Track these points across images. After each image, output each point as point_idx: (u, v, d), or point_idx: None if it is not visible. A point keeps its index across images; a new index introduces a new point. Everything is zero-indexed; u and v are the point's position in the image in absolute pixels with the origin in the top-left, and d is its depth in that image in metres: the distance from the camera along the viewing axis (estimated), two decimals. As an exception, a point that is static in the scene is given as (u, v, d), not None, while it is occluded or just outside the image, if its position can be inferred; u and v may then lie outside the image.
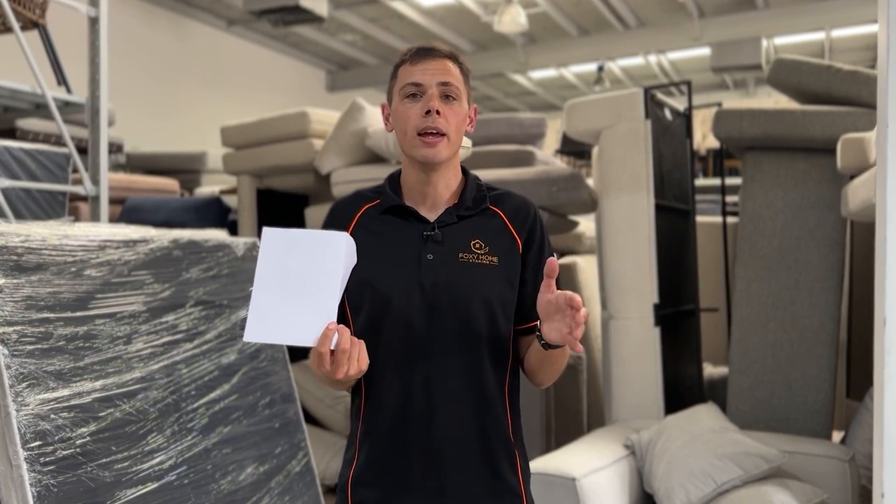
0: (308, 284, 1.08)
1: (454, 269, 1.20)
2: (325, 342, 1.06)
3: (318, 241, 1.10)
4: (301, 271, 1.08)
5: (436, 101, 1.19)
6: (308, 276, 1.08)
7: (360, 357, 1.08)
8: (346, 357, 1.06)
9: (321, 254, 1.09)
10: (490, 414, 1.22)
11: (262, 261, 1.10)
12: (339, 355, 1.06)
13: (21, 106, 2.94)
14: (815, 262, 2.66)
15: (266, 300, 1.08)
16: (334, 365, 1.07)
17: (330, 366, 1.07)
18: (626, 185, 2.81)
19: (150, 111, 7.06)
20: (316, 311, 1.07)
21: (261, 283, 1.09)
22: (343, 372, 1.06)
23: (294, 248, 1.09)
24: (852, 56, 9.32)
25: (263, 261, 1.10)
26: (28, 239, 1.79)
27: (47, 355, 1.71)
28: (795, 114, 2.65)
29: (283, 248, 1.09)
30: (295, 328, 1.07)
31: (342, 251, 1.09)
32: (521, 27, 7.27)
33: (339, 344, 1.06)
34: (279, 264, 1.09)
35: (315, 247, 1.09)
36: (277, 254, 1.09)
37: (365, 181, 3.00)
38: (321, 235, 1.11)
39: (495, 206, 1.28)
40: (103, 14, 2.77)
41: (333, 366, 1.07)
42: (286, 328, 1.07)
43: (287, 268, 1.08)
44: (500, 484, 1.22)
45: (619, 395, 2.82)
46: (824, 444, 2.51)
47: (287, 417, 2.29)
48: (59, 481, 1.62)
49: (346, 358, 1.06)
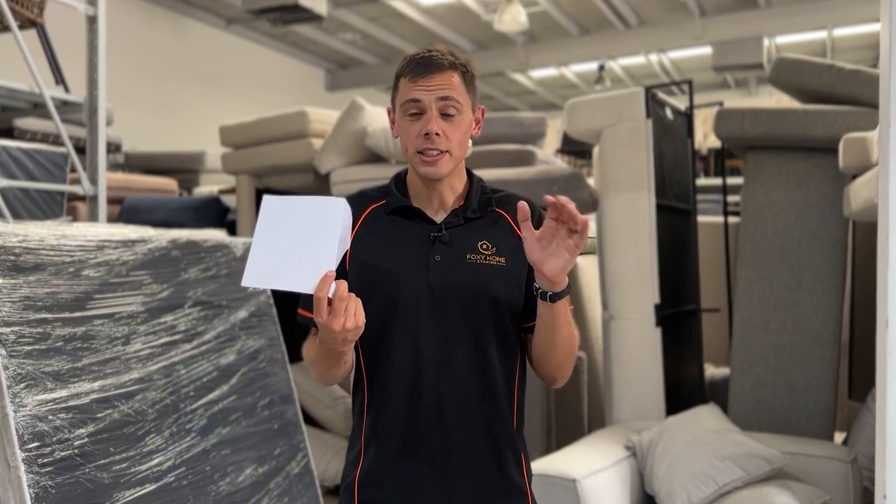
0: (306, 239, 1.09)
1: (462, 269, 1.21)
2: (324, 286, 1.05)
3: (316, 204, 1.12)
4: (300, 229, 1.10)
5: (434, 123, 1.18)
6: (306, 232, 1.10)
7: (357, 312, 1.07)
8: (343, 306, 1.05)
9: (320, 215, 1.10)
10: (497, 413, 1.22)
11: (261, 222, 1.11)
12: (336, 303, 1.05)
13: (19, 105, 2.93)
14: (817, 262, 2.65)
15: (265, 250, 1.09)
16: (332, 315, 1.05)
17: (327, 315, 1.05)
18: (627, 184, 2.80)
19: (148, 110, 7.05)
20: (314, 262, 1.08)
21: (260, 238, 1.10)
22: (340, 323, 1.05)
23: (292, 211, 1.11)
24: (854, 55, 9.31)
25: (263, 221, 1.11)
26: (26, 239, 1.78)
27: (45, 356, 1.71)
28: (797, 113, 2.64)
29: (282, 211, 1.11)
30: (293, 275, 1.08)
31: (340, 213, 1.11)
32: (521, 26, 7.26)
33: (336, 292, 1.06)
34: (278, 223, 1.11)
35: (313, 209, 1.11)
36: (276, 216, 1.11)
37: (364, 181, 2.99)
38: (320, 200, 1.12)
39: (500, 208, 1.29)
40: (101, 13, 2.76)
41: (331, 316, 1.05)
42: (284, 275, 1.08)
43: (286, 226, 1.10)
44: (507, 483, 1.23)
45: (620, 396, 2.81)
46: (826, 445, 2.51)
47: (286, 418, 2.28)
48: (58, 483, 1.61)
49: (343, 307, 1.05)
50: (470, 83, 1.24)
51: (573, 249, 1.08)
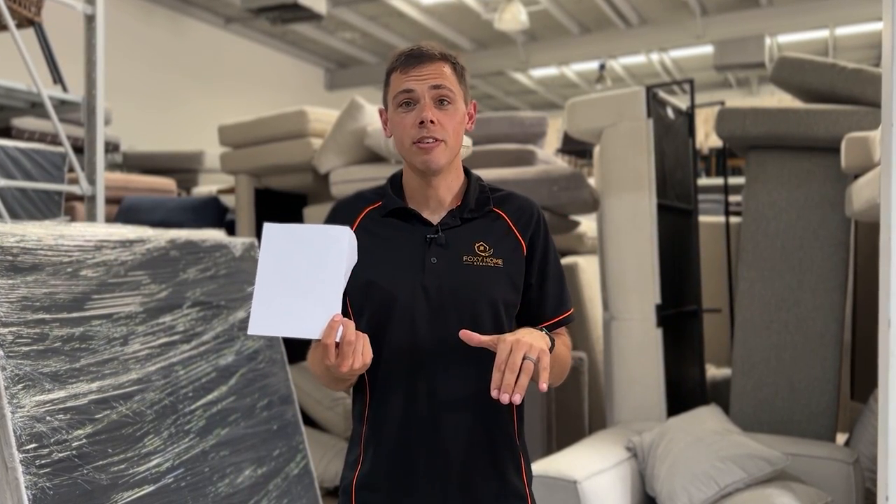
0: (311, 278, 1.07)
1: (458, 272, 1.20)
2: (331, 333, 1.05)
3: (319, 236, 1.10)
4: (303, 265, 1.08)
5: (429, 111, 1.18)
6: (311, 269, 1.07)
7: (364, 350, 1.07)
8: (351, 349, 1.05)
9: (323, 248, 1.08)
10: (495, 417, 1.22)
11: (263, 256, 1.09)
12: (344, 347, 1.05)
13: (16, 104, 2.93)
14: (818, 262, 2.65)
15: (269, 293, 1.07)
16: (340, 357, 1.06)
17: (335, 359, 1.06)
18: (628, 184, 2.79)
19: (146, 110, 7.04)
20: (320, 304, 1.06)
21: (263, 277, 1.08)
22: (348, 365, 1.05)
23: (296, 243, 1.09)
24: (856, 54, 9.30)
25: (265, 256, 1.09)
26: (24, 239, 1.78)
27: (43, 357, 1.70)
28: (799, 113, 2.64)
29: (285, 242, 1.09)
30: (299, 320, 1.06)
31: (344, 245, 1.09)
32: (521, 25, 7.24)
33: (344, 335, 1.05)
34: (281, 259, 1.08)
35: (317, 241, 1.09)
36: (279, 249, 1.09)
37: (364, 180, 2.98)
38: (323, 230, 1.11)
39: (498, 208, 1.27)
40: (100, 11, 2.75)
41: (339, 358, 1.06)
42: (290, 320, 1.06)
43: (289, 262, 1.08)
44: (505, 487, 1.23)
45: (621, 397, 2.80)
46: (828, 446, 2.50)
47: (285, 419, 2.27)
48: (55, 484, 1.60)
49: (351, 350, 1.05)
50: (461, 75, 1.24)
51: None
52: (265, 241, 1.10)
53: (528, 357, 1.04)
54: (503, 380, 1.03)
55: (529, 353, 1.05)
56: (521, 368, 1.04)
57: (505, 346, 1.05)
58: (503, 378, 1.03)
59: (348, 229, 1.12)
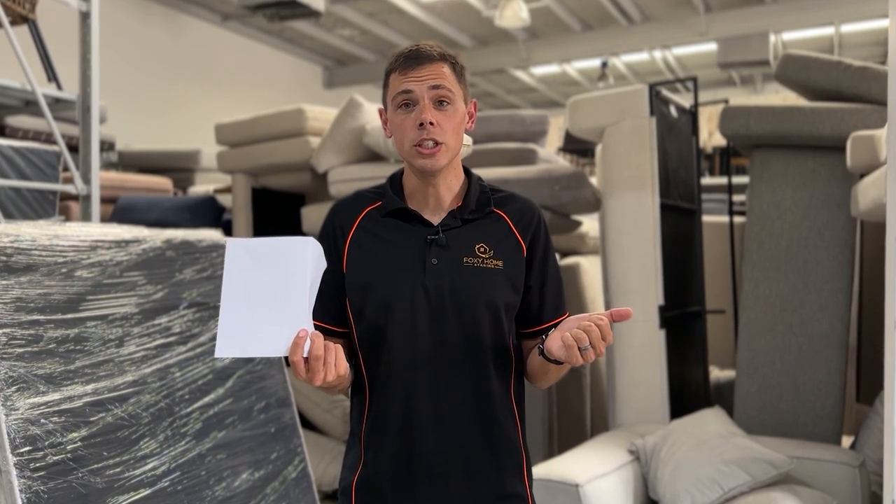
0: (276, 294, 1.06)
1: (459, 273, 1.20)
2: (297, 350, 1.04)
3: (283, 249, 1.07)
4: (268, 281, 1.06)
5: (428, 113, 1.17)
6: (275, 284, 1.06)
7: (337, 362, 1.06)
8: (320, 364, 1.04)
9: (287, 261, 1.06)
10: (496, 418, 1.21)
11: (227, 274, 1.07)
12: (312, 363, 1.04)
13: (10, 103, 2.91)
14: (824, 262, 2.63)
15: (234, 314, 1.06)
16: (310, 373, 1.05)
17: (305, 374, 1.05)
18: (631, 183, 2.78)
19: (142, 108, 7.02)
20: (286, 320, 1.05)
21: (228, 297, 1.06)
22: (320, 378, 1.05)
23: (259, 258, 1.07)
24: (862, 52, 9.27)
25: (229, 274, 1.07)
26: (17, 239, 1.78)
27: (37, 358, 1.69)
28: (804, 111, 2.62)
29: (248, 258, 1.07)
30: (266, 339, 1.05)
31: (308, 256, 1.07)
32: (522, 22, 7.22)
33: (311, 351, 1.04)
34: (245, 276, 1.07)
35: (280, 254, 1.07)
36: (242, 265, 1.07)
37: (363, 180, 2.96)
38: (285, 242, 1.08)
39: (499, 209, 1.27)
40: (95, 9, 2.73)
41: (309, 373, 1.05)
42: (257, 340, 1.05)
43: (253, 279, 1.06)
44: (506, 489, 1.22)
45: (624, 399, 2.79)
46: (834, 449, 2.49)
47: (283, 422, 2.26)
48: (50, 487, 1.59)
49: (321, 364, 1.04)
50: (460, 75, 1.23)
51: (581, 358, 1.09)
52: (228, 259, 1.08)
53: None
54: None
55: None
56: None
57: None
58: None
59: (312, 239, 1.10)
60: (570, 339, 1.06)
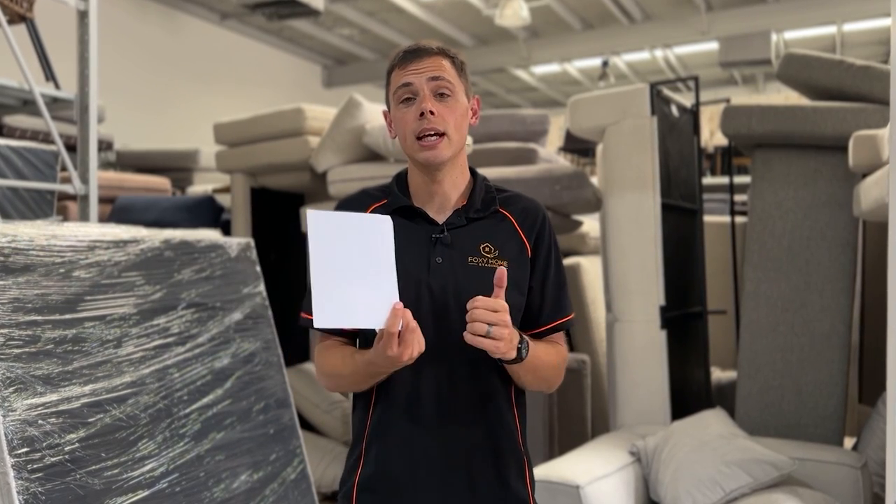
0: (365, 267, 1.08)
1: (463, 272, 1.20)
2: (396, 322, 1.06)
3: (365, 224, 1.10)
4: (355, 254, 1.08)
5: (428, 102, 1.18)
6: (363, 258, 1.08)
7: (420, 338, 1.08)
8: (414, 337, 1.06)
9: (370, 236, 1.09)
10: (499, 420, 1.21)
11: (313, 244, 1.08)
12: (407, 335, 1.06)
13: (8, 102, 2.89)
14: (826, 263, 2.63)
15: (328, 284, 1.07)
16: (403, 346, 1.06)
17: (397, 347, 1.05)
18: (632, 183, 2.77)
19: (140, 107, 7.00)
20: (379, 293, 1.07)
21: (318, 267, 1.07)
22: (409, 353, 1.06)
23: (343, 231, 1.09)
24: (864, 51, 9.25)
25: (316, 245, 1.08)
26: (15, 239, 1.76)
27: (35, 359, 1.68)
28: (806, 110, 2.62)
29: (332, 230, 1.09)
30: (362, 311, 1.07)
31: (388, 233, 1.10)
32: (523, 21, 7.21)
33: (406, 323, 1.06)
34: (330, 248, 1.08)
35: (363, 229, 1.10)
36: (326, 237, 1.08)
37: (362, 179, 2.95)
38: (367, 218, 1.12)
39: (504, 209, 1.27)
40: (93, 7, 2.71)
41: (402, 346, 1.06)
42: (353, 312, 1.07)
43: (340, 251, 1.08)
44: (508, 491, 1.21)
45: (625, 401, 2.78)
46: (836, 450, 2.48)
47: (282, 423, 2.25)
48: (48, 489, 1.58)
49: (414, 338, 1.06)
50: (460, 69, 1.24)
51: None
52: (312, 230, 1.08)
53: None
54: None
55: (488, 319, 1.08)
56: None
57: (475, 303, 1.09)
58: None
59: (389, 219, 1.12)
60: (469, 334, 1.08)
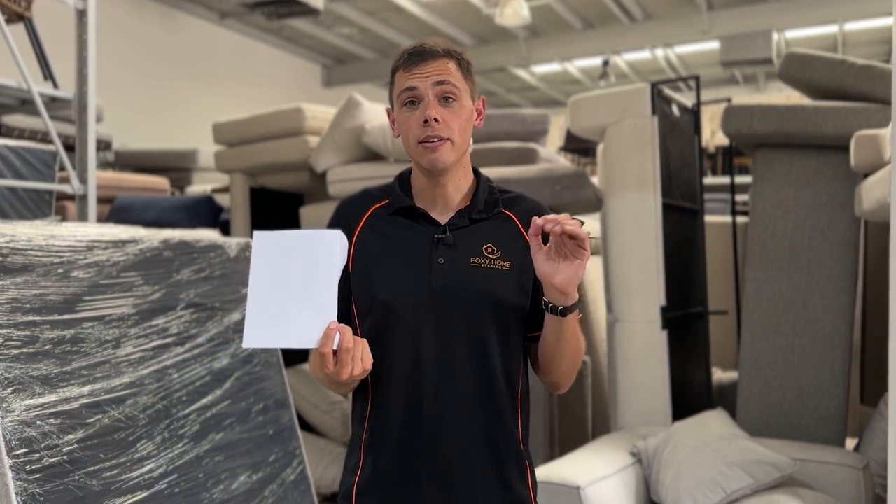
0: (304, 285, 1.06)
1: (465, 273, 1.18)
2: (328, 342, 1.03)
3: (310, 241, 1.08)
4: (296, 272, 1.06)
5: (433, 109, 1.16)
6: (303, 276, 1.06)
7: (363, 356, 1.06)
8: (349, 356, 1.04)
9: (315, 253, 1.07)
10: (500, 422, 1.20)
11: (255, 265, 1.07)
12: (342, 355, 1.04)
13: (6, 101, 2.89)
14: (827, 263, 2.62)
15: (262, 303, 1.06)
16: (338, 365, 1.04)
17: (333, 367, 1.04)
18: (633, 183, 2.76)
19: (139, 107, 7.00)
20: (315, 312, 1.05)
21: (256, 287, 1.06)
22: (347, 372, 1.04)
23: (287, 250, 1.07)
24: (866, 50, 9.24)
25: (256, 264, 1.07)
26: (13, 239, 1.76)
27: (33, 359, 1.68)
28: (807, 110, 2.61)
29: (276, 250, 1.07)
30: (294, 330, 1.05)
31: (336, 249, 1.08)
32: (523, 20, 7.20)
33: (341, 343, 1.04)
34: (273, 267, 1.07)
35: (308, 246, 1.08)
36: (270, 256, 1.07)
37: (362, 179, 2.95)
38: (314, 235, 1.09)
39: (508, 210, 1.26)
40: (91, 7, 2.71)
41: (337, 366, 1.04)
42: (285, 331, 1.05)
43: (281, 270, 1.07)
44: (510, 495, 1.20)
45: (625, 401, 2.78)
46: (837, 451, 2.48)
47: (281, 424, 2.24)
48: (46, 490, 1.58)
49: (349, 357, 1.04)
50: (466, 71, 1.22)
51: (581, 259, 1.08)
52: (255, 250, 1.08)
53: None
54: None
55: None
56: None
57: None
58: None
59: (340, 232, 1.10)
60: (536, 232, 1.08)
